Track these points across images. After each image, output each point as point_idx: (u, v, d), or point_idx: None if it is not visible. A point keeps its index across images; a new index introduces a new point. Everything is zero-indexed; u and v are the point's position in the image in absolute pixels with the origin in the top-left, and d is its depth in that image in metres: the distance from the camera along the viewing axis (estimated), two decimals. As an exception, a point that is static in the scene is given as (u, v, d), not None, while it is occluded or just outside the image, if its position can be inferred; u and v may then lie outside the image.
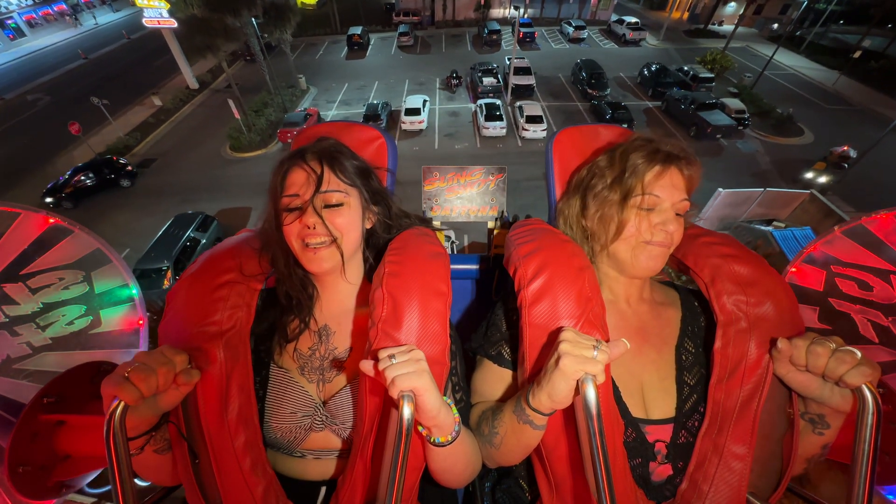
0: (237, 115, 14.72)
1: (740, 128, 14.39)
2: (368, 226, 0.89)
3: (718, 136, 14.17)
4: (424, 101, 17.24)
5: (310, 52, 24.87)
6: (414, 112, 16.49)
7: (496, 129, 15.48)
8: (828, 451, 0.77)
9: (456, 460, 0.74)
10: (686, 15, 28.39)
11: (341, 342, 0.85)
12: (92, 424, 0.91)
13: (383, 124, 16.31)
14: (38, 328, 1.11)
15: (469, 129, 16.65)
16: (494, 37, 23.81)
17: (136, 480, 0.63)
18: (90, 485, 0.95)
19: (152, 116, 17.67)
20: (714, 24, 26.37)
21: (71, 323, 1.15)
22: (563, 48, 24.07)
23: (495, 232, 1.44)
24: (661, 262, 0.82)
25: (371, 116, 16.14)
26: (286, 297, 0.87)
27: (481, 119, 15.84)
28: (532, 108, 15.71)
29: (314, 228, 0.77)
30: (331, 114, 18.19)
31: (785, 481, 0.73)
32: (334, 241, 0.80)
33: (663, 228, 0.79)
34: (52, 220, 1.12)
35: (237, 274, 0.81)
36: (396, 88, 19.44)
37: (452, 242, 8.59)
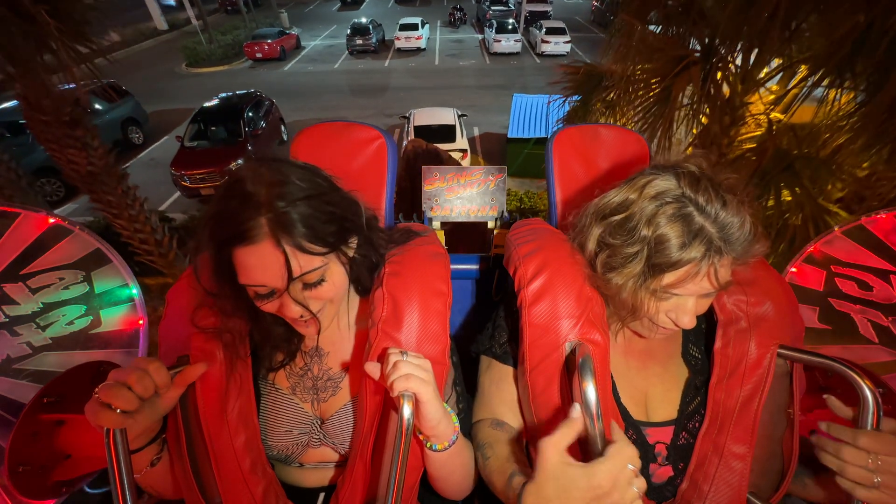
0: (194, 21, 12.41)
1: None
2: (350, 254, 0.72)
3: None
4: (423, 22, 15.03)
5: (299, 7, 23.57)
6: (410, 27, 14.23)
7: (509, 42, 13.20)
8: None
9: (453, 469, 0.73)
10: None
11: (336, 363, 0.82)
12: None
13: (372, 40, 14.47)
14: (38, 328, 1.12)
15: (476, 51, 14.62)
16: (502, -10, 22.11)
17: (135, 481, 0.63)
18: (90, 485, 0.95)
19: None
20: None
21: (71, 323, 1.15)
22: (578, 1, 22.71)
23: (495, 232, 1.44)
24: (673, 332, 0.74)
25: (359, 30, 14.28)
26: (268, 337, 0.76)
27: (491, 34, 13.50)
28: (552, 22, 13.78)
29: (300, 317, 0.67)
30: (314, 42, 16.75)
31: (786, 481, 0.73)
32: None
33: (675, 321, 0.69)
34: (52, 220, 1.12)
35: None
36: (391, 29, 17.58)
37: (461, 116, 8.13)
